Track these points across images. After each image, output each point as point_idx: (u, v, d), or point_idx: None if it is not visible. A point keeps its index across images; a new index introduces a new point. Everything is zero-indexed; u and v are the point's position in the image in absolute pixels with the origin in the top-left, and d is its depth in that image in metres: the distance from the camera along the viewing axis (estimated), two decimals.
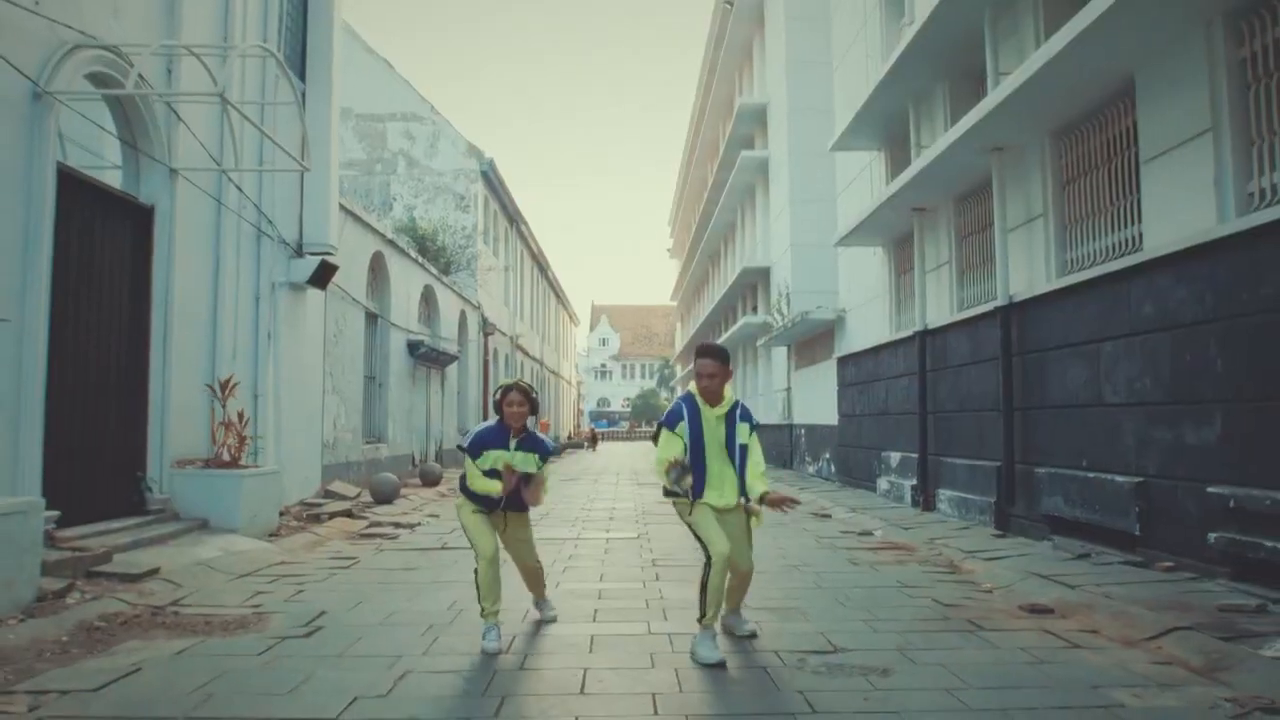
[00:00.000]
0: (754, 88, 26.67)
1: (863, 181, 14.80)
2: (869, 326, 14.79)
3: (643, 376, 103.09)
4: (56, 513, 6.40)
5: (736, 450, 4.66)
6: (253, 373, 10.20)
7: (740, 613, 4.89)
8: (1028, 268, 8.89)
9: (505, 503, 4.86)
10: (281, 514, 10.07)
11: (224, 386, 8.77)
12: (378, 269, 15.71)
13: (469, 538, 4.89)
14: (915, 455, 11.67)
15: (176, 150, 8.37)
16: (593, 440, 46.11)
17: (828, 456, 18.02)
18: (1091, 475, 7.42)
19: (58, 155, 6.96)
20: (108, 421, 7.65)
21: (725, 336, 28.67)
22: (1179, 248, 6.27)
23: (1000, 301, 8.97)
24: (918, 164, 10.26)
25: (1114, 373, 7.17)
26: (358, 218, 14.14)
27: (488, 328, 25.37)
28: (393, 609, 5.51)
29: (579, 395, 70.21)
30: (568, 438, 48.20)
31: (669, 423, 4.68)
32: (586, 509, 12.19)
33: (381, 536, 9.30)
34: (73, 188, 7.11)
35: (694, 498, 4.54)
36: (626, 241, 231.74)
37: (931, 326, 11.31)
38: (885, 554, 7.95)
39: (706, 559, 4.43)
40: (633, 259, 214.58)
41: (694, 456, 4.58)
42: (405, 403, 17.41)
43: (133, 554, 6.74)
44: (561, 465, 27.19)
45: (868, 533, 9.40)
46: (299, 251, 11.28)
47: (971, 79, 10.77)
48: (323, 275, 11.34)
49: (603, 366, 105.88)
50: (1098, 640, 4.65)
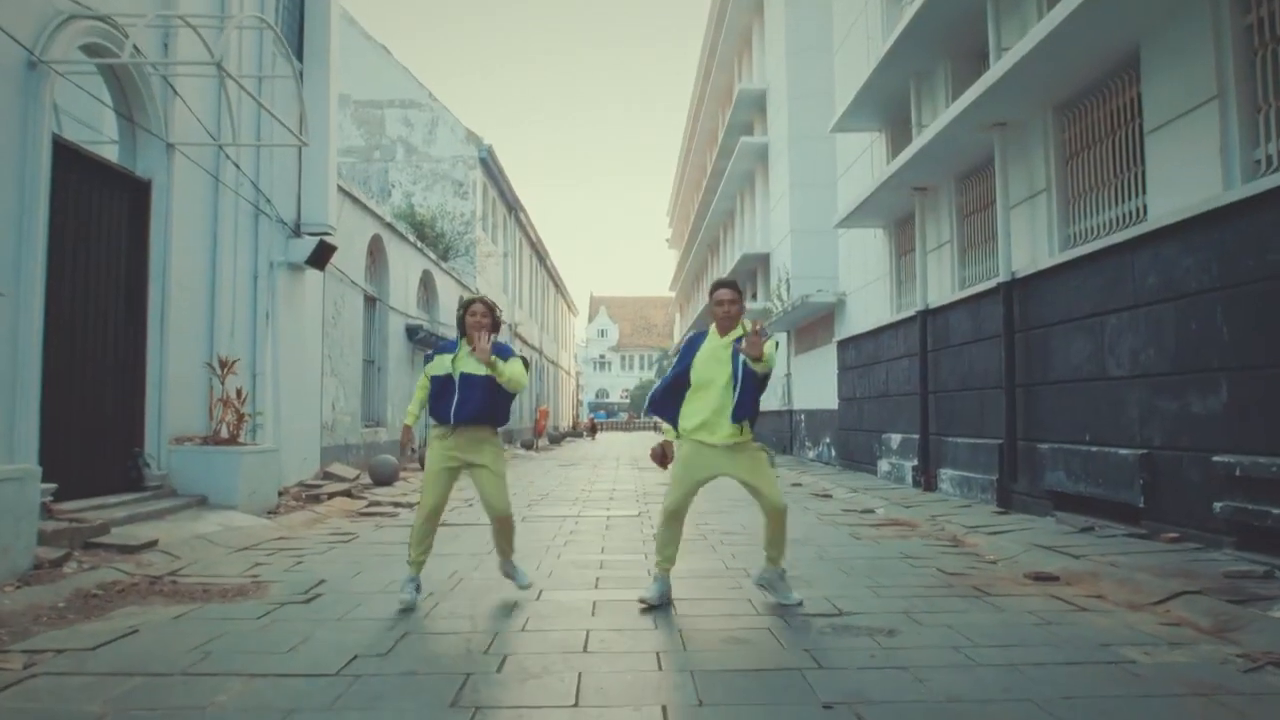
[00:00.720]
0: (753, 74, 26.56)
1: (863, 164, 14.74)
2: (869, 309, 14.74)
3: (642, 368, 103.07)
4: (53, 485, 6.35)
5: (740, 371, 4.58)
6: (251, 352, 10.14)
7: (785, 577, 4.73)
8: (1030, 244, 8.83)
9: (457, 411, 4.72)
10: (280, 494, 10.03)
11: (224, 364, 8.71)
12: (376, 252, 15.64)
13: (421, 487, 4.90)
14: (916, 436, 11.64)
15: (173, 125, 8.30)
16: (592, 430, 46.15)
17: (828, 441, 17.99)
18: (1095, 449, 7.38)
19: (53, 127, 6.91)
20: (105, 397, 7.60)
21: None
22: (1184, 216, 6.22)
23: (1003, 278, 8.93)
24: (918, 141, 10.20)
25: (1118, 345, 7.12)
26: (356, 200, 14.07)
27: None
28: (393, 578, 5.46)
29: (578, 386, 70.11)
30: (570, 428, 48.18)
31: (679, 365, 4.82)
32: (587, 490, 12.16)
33: (381, 515, 9.26)
34: (69, 160, 7.04)
35: (674, 427, 4.75)
36: (625, 233, 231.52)
37: (933, 306, 11.26)
38: (888, 530, 7.91)
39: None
40: (631, 250, 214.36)
41: (677, 387, 4.74)
42: (404, 387, 17.36)
43: (130, 527, 6.69)
44: (561, 452, 27.16)
45: (869, 510, 9.36)
46: (297, 231, 11.21)
47: (973, 58, 10.70)
48: (321, 255, 11.26)
49: (601, 358, 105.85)
50: (1104, 605, 4.62)
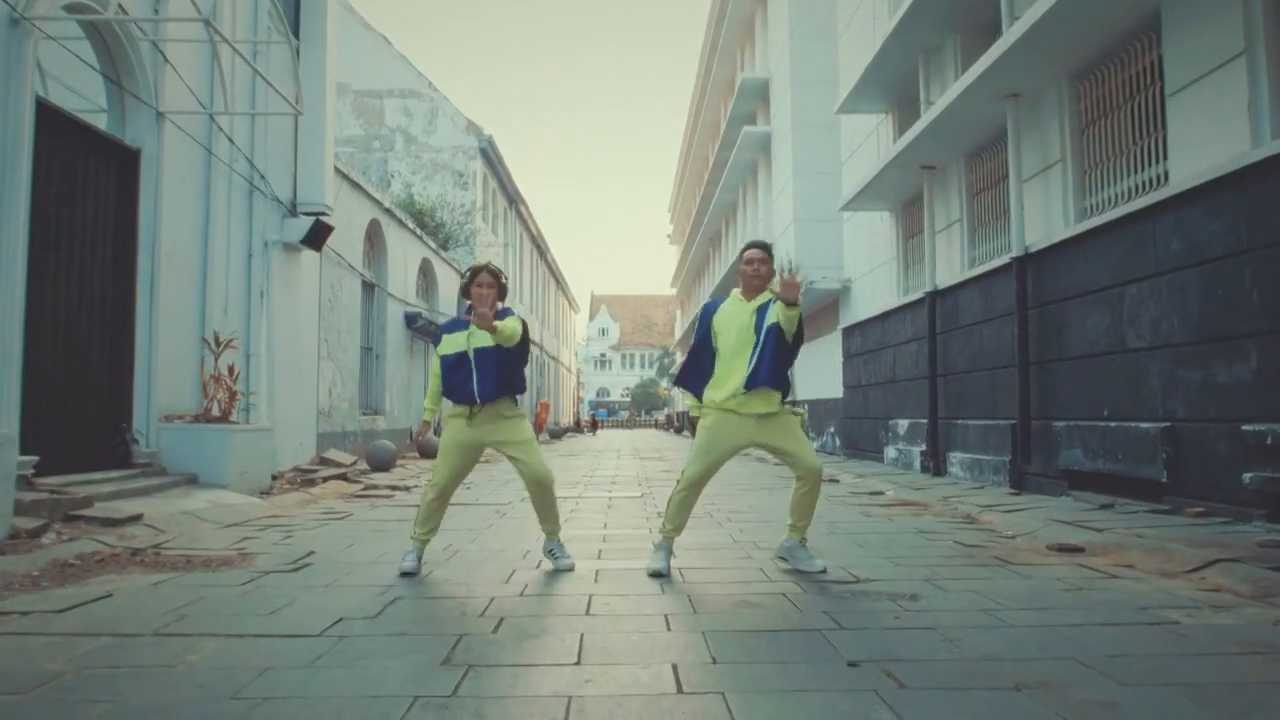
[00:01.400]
0: (756, 63, 26.31)
1: (869, 148, 14.49)
2: (875, 295, 14.49)
3: (643, 366, 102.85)
4: (34, 458, 6.12)
5: (764, 332, 4.36)
6: (245, 331, 9.90)
7: (805, 544, 4.54)
8: (1044, 217, 8.59)
9: (479, 392, 4.43)
10: (275, 478, 9.81)
11: (219, 340, 8.47)
12: (375, 238, 15.41)
13: (437, 462, 4.62)
14: (924, 420, 11.40)
15: (164, 93, 8.06)
16: (592, 426, 45.92)
17: (832, 430, 17.75)
18: (1114, 424, 7.13)
19: (39, 89, 6.68)
20: (91, 369, 7.36)
21: None
22: (1210, 178, 5.97)
23: (1016, 253, 8.68)
24: (928, 116, 9.96)
25: (1138, 316, 6.88)
26: (355, 183, 13.83)
27: None
28: (386, 550, 5.23)
29: (579, 383, 69.85)
30: (571, 424, 47.93)
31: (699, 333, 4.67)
32: (589, 476, 11.92)
33: (377, 497, 9.03)
34: (54, 124, 6.82)
35: (698, 398, 4.54)
36: (625, 231, 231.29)
37: (942, 287, 11.02)
38: (899, 509, 7.67)
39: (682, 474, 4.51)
40: (632, 249, 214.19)
41: (702, 352, 4.53)
42: (403, 376, 17.13)
43: (115, 502, 6.45)
44: (562, 445, 26.94)
45: (878, 493, 9.12)
46: (293, 211, 10.97)
47: (984, 32, 10.45)
48: (317, 235, 11.02)
49: (602, 356, 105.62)
50: (1134, 573, 4.37)
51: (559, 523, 4.76)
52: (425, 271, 19.18)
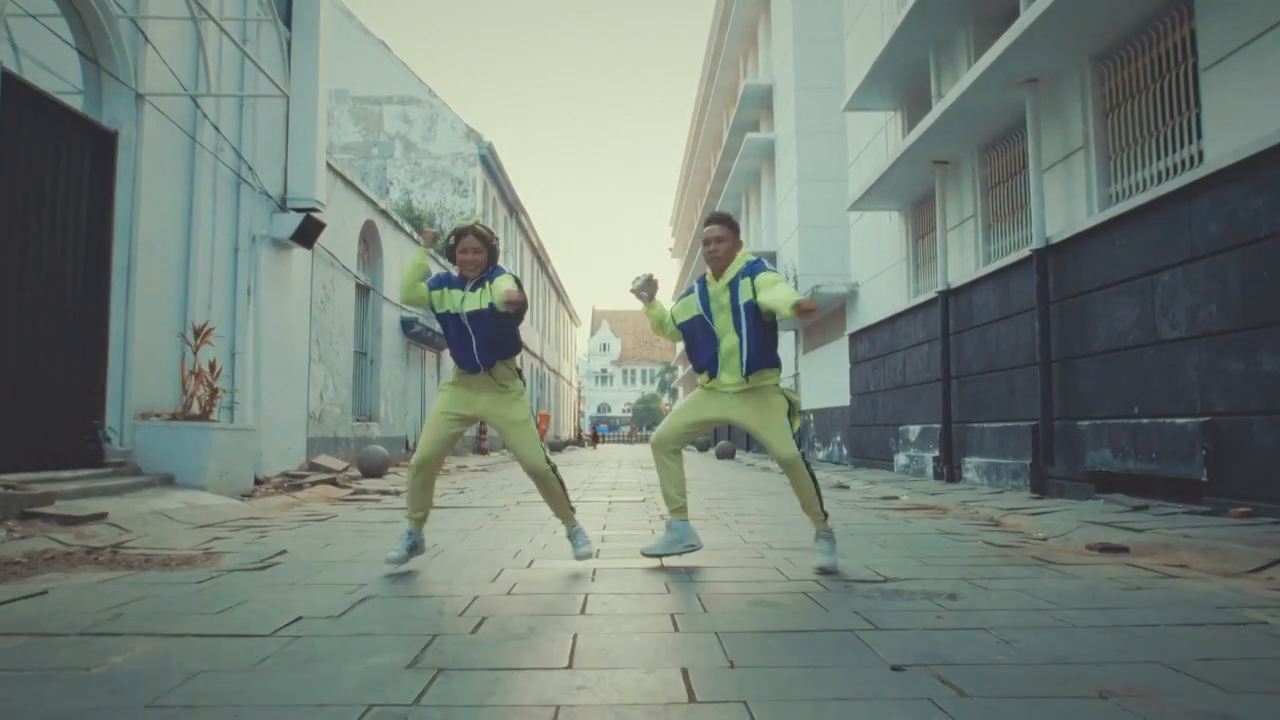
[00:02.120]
0: (759, 71, 26.02)
1: (876, 148, 14.12)
2: (883, 298, 14.08)
3: (644, 382, 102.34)
4: None
5: (742, 314, 4.02)
6: (230, 329, 9.51)
7: (825, 537, 4.04)
8: (1065, 207, 8.19)
9: (483, 354, 4.05)
10: (260, 481, 9.38)
11: (198, 333, 8.05)
12: (370, 239, 15.02)
13: (422, 432, 4.24)
14: (937, 425, 10.96)
15: (144, 74, 7.68)
16: (593, 439, 45.43)
17: (839, 439, 17.29)
18: (1146, 421, 6.70)
19: (10, 64, 6.30)
20: (60, 363, 6.94)
21: None
22: (1253, 153, 5.57)
23: (1036, 245, 8.27)
24: (940, 106, 9.57)
25: (1172, 305, 6.46)
26: (349, 182, 13.45)
27: None
28: (363, 550, 4.79)
29: (579, 398, 69.33)
30: (572, 438, 47.41)
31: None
32: (589, 483, 11.48)
33: (365, 501, 8.58)
34: (24, 100, 6.43)
35: (710, 375, 4.19)
36: (627, 246, 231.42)
37: (955, 286, 10.61)
38: (915, 513, 7.23)
39: None
40: (634, 263, 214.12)
41: (702, 335, 4.18)
42: (399, 382, 16.70)
43: (80, 501, 6.01)
44: (562, 456, 26.46)
45: (892, 497, 8.68)
46: (283, 206, 10.59)
47: (998, 23, 10.07)
48: (308, 232, 10.62)
49: (603, 371, 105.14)
50: (1192, 573, 3.93)
51: (570, 510, 4.34)
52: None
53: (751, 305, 3.99)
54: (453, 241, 4.18)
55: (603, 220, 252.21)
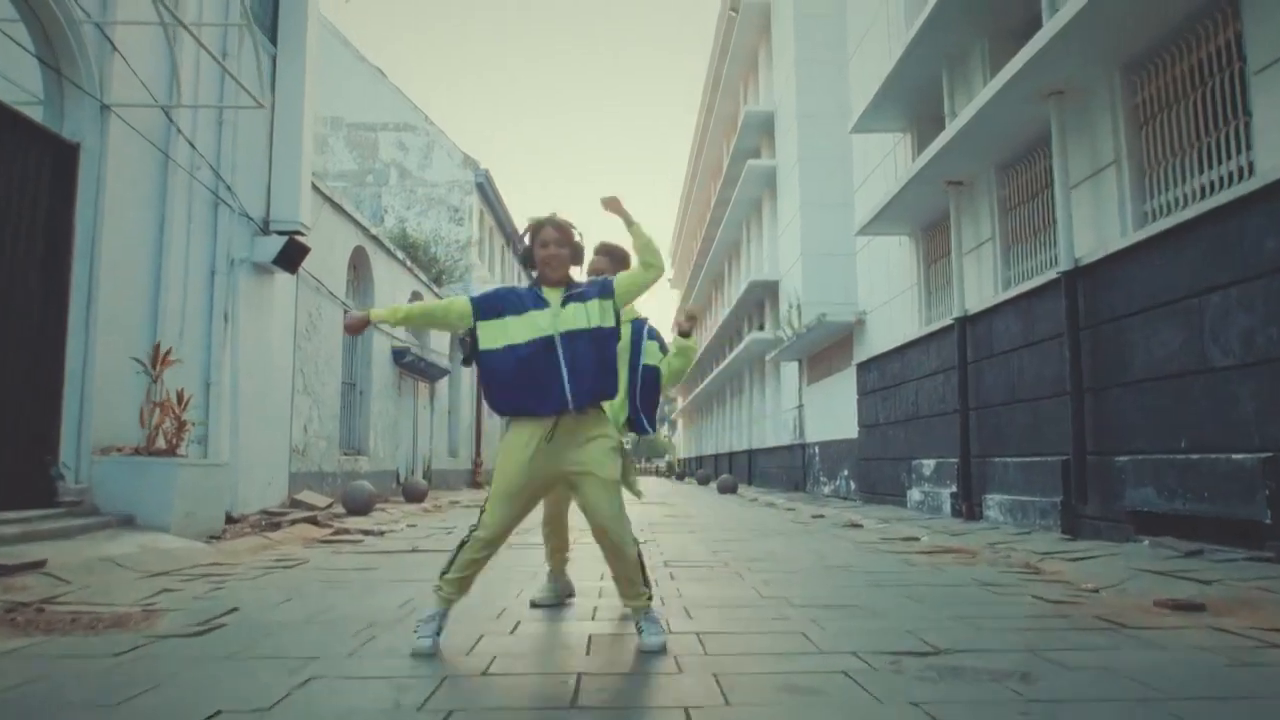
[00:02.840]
0: (760, 98, 25.73)
1: (884, 171, 13.66)
2: (893, 326, 13.54)
3: None
4: None
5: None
6: (204, 357, 8.94)
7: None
8: (1095, 227, 7.67)
9: (573, 393, 3.22)
10: (235, 520, 8.79)
11: (156, 358, 7.48)
12: (359, 266, 14.51)
13: (489, 504, 3.31)
14: (955, 460, 10.36)
15: (111, 84, 7.18)
16: None
17: (846, 473, 16.67)
18: (1195, 457, 6.11)
19: None
20: (9, 390, 6.36)
21: (731, 357, 27.43)
22: None
23: (1064, 267, 7.73)
24: (956, 124, 9.09)
25: (1223, 329, 5.91)
26: (338, 206, 12.96)
27: None
28: (327, 607, 4.19)
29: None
30: None
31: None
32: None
33: (344, 542, 7.97)
34: None
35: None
36: None
37: (972, 312, 10.07)
38: (942, 557, 6.62)
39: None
40: None
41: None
42: (389, 414, 16.10)
43: (20, 546, 5.41)
44: None
45: (913, 538, 8.06)
46: (265, 229, 10.08)
47: (1015, 36, 9.64)
48: (291, 256, 10.10)
49: None
50: None
51: (645, 589, 3.38)
52: None
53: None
54: (527, 238, 3.46)
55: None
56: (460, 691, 2.63)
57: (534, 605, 4.23)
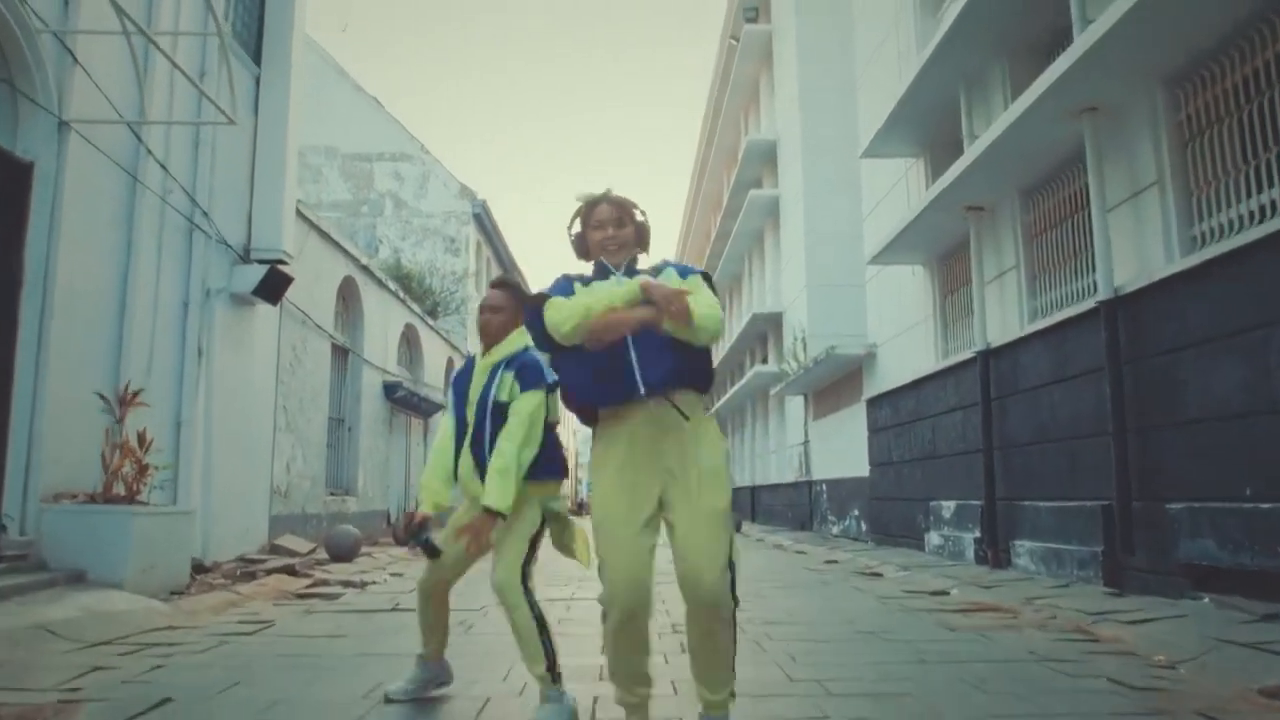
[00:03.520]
0: (761, 128, 25.37)
1: (896, 197, 13.14)
2: (905, 360, 12.94)
3: None
4: None
5: (489, 412, 3.31)
6: (175, 395, 8.34)
7: (556, 685, 3.16)
8: (1136, 253, 7.10)
9: (645, 371, 2.59)
10: (208, 569, 8.15)
11: (122, 398, 6.86)
12: (349, 297, 13.93)
13: (596, 551, 2.63)
14: (977, 502, 9.71)
15: (70, 100, 6.64)
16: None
17: (856, 513, 15.97)
18: (1265, 507, 5.48)
19: None
20: None
21: (732, 392, 26.81)
22: None
23: (1103, 296, 7.15)
24: (980, 144, 8.56)
25: None
26: (325, 234, 12.42)
27: None
28: (276, 697, 3.53)
29: (576, 464, 67.60)
30: (576, 505, 45.73)
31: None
32: (582, 570, 10.13)
33: (321, 597, 7.30)
34: None
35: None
36: None
37: (995, 345, 9.47)
38: (981, 617, 5.96)
39: None
40: None
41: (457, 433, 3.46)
42: (379, 452, 15.44)
43: None
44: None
45: (942, 592, 7.39)
46: (245, 257, 9.52)
47: (1037, 54, 9.17)
48: (273, 286, 9.55)
49: None
50: None
51: (729, 679, 2.66)
52: (409, 339, 17.68)
53: (504, 407, 3.33)
54: (581, 214, 2.83)
55: None
56: None
57: (389, 700, 3.45)
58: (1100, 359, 7.21)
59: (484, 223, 25.12)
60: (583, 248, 2.83)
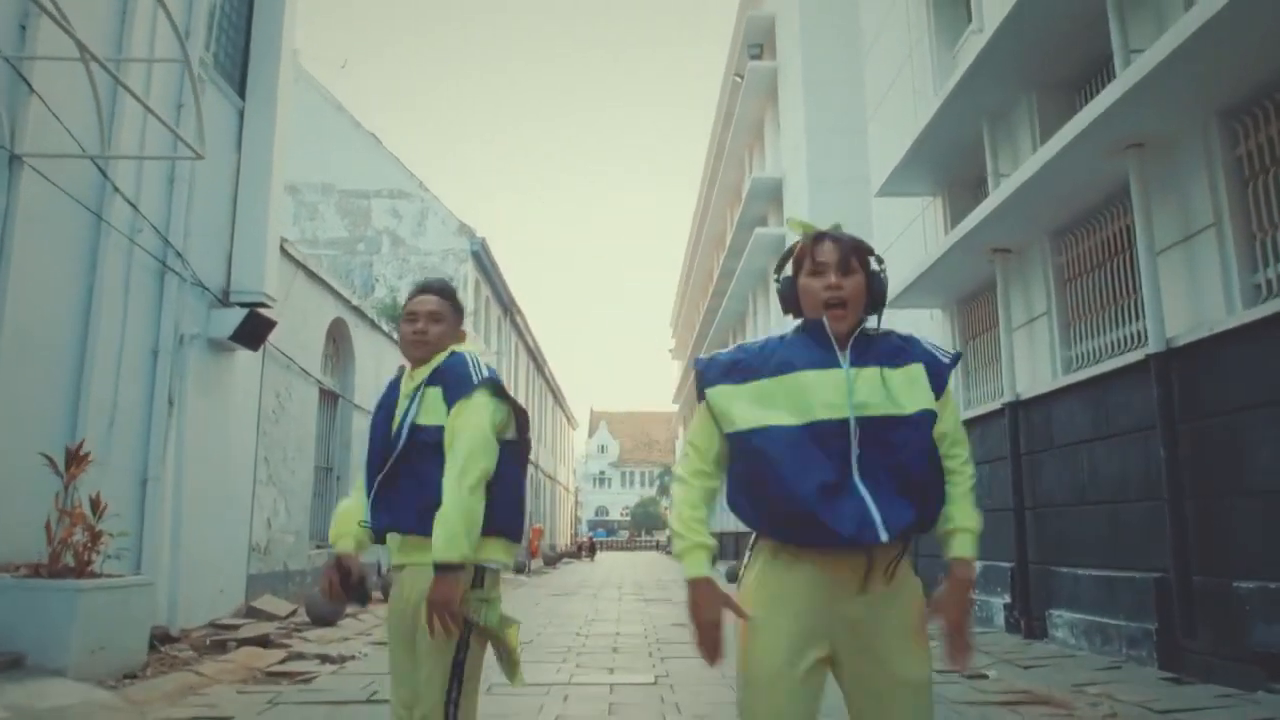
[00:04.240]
0: (766, 166, 24.99)
1: (911, 238, 12.60)
2: None
3: (643, 485, 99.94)
4: None
5: (404, 440, 2.56)
6: (142, 450, 7.71)
7: None
8: (1191, 301, 6.49)
9: (884, 519, 1.94)
10: (174, 639, 7.45)
11: (71, 458, 6.20)
12: (339, 339, 13.33)
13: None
14: (1007, 564, 9.01)
15: (25, 131, 6.09)
16: (590, 549, 42.95)
17: None
18: None
19: None
20: None
21: None
22: None
23: (1153, 349, 6.53)
24: (1010, 183, 8.00)
25: None
26: (313, 274, 11.84)
27: None
28: None
29: (576, 503, 66.81)
30: (570, 546, 44.88)
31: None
32: (582, 634, 9.40)
33: (292, 675, 6.58)
34: None
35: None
36: (626, 347, 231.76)
37: (1025, 396, 8.85)
38: (1030, 710, 5.26)
39: None
40: (632, 365, 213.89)
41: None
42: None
43: None
44: (556, 578, 24.24)
45: (979, 675, 6.68)
46: (224, 300, 8.94)
47: (1067, 88, 8.68)
48: (254, 331, 8.94)
49: (601, 474, 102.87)
50: None
51: None
52: None
53: (429, 433, 2.58)
54: (788, 269, 2.18)
55: (601, 319, 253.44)
56: None
57: None
58: (1150, 417, 6.58)
59: (483, 260, 24.63)
60: (792, 298, 2.11)
